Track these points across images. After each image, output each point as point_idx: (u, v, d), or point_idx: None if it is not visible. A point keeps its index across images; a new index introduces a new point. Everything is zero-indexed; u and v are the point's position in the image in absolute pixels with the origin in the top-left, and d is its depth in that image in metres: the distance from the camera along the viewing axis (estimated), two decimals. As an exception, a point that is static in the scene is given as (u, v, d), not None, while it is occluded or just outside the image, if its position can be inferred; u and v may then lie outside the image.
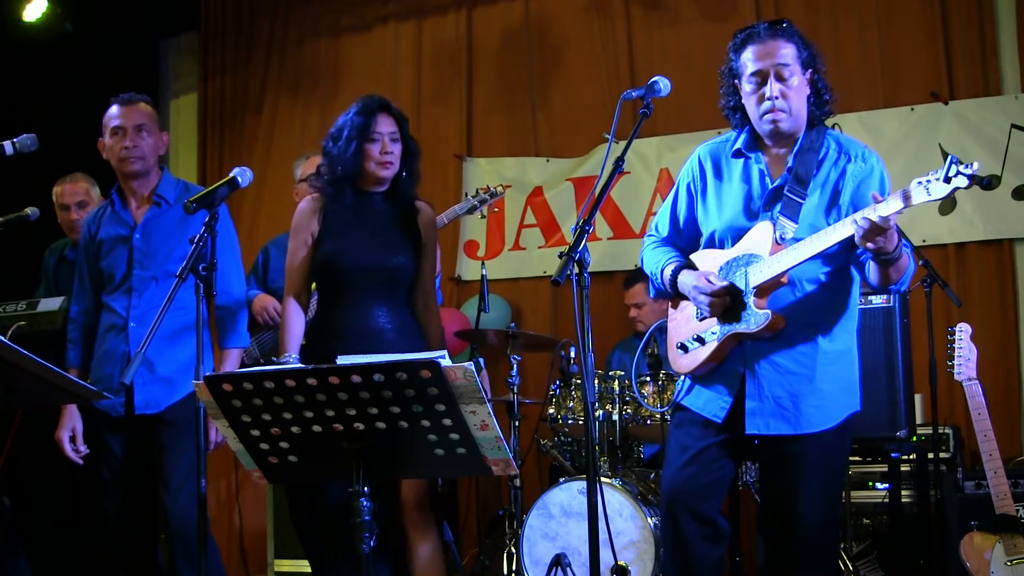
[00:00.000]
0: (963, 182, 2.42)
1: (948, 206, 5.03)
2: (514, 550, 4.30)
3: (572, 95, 5.91)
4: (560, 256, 2.58)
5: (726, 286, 2.79)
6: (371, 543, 2.37)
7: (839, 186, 2.80)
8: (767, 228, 2.79)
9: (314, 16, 6.53)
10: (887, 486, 4.42)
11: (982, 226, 5.00)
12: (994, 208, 4.97)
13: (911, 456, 4.25)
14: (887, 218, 2.50)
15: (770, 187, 2.86)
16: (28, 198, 4.32)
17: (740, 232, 2.87)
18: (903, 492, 4.27)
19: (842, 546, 4.30)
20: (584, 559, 3.44)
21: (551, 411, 4.56)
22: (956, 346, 3.74)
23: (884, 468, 4.45)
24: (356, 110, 3.42)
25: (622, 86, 5.41)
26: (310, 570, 3.72)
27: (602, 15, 5.84)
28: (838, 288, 2.84)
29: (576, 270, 2.60)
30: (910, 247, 2.78)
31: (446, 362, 2.22)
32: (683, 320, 2.99)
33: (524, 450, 4.71)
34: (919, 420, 4.33)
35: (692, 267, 2.96)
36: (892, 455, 4.00)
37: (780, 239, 2.76)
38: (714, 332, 2.85)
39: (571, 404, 4.51)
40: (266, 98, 6.57)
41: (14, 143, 3.48)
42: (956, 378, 3.74)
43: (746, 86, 2.86)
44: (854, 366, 2.90)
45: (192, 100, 6.86)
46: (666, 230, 3.10)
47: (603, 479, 4.00)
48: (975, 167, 2.41)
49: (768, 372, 2.81)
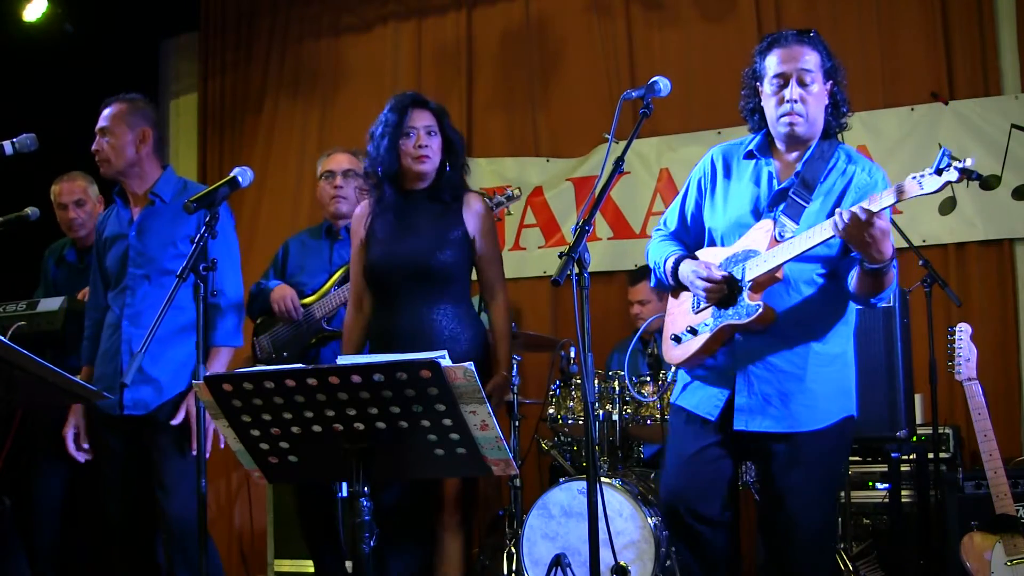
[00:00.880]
0: (953, 175, 2.44)
1: (948, 206, 5.03)
2: (514, 550, 4.30)
3: (572, 95, 5.91)
4: (560, 256, 2.60)
5: (726, 275, 2.82)
6: (371, 543, 2.37)
7: (843, 194, 2.82)
8: (767, 226, 2.82)
9: (314, 16, 6.52)
10: (887, 486, 4.42)
11: (982, 226, 4.99)
12: (994, 208, 4.97)
13: (911, 456, 4.25)
14: (868, 211, 2.52)
15: (776, 189, 2.88)
16: (28, 198, 4.33)
17: (743, 231, 2.89)
18: (903, 492, 4.27)
19: (842, 546, 4.30)
20: (584, 559, 3.43)
21: (551, 411, 4.56)
22: (956, 346, 3.74)
23: (884, 468, 4.45)
24: (389, 107, 3.41)
25: (622, 86, 5.41)
26: (310, 570, 3.73)
27: (602, 15, 5.84)
28: (834, 292, 2.85)
29: (576, 270, 2.61)
30: (897, 267, 2.80)
31: (446, 362, 2.22)
32: (679, 313, 3.02)
33: (524, 450, 4.71)
34: (919, 420, 4.33)
35: (694, 260, 2.99)
36: (892, 455, 4.00)
37: (779, 236, 2.78)
38: (707, 324, 2.89)
39: (571, 404, 4.51)
40: (266, 98, 6.57)
41: (14, 143, 3.49)
42: (956, 378, 3.74)
43: (767, 87, 2.89)
44: (849, 371, 2.91)
45: (192, 100, 6.86)
46: (674, 225, 3.13)
47: (603, 479, 4.00)
48: (968, 161, 2.43)
49: (759, 370, 2.84)
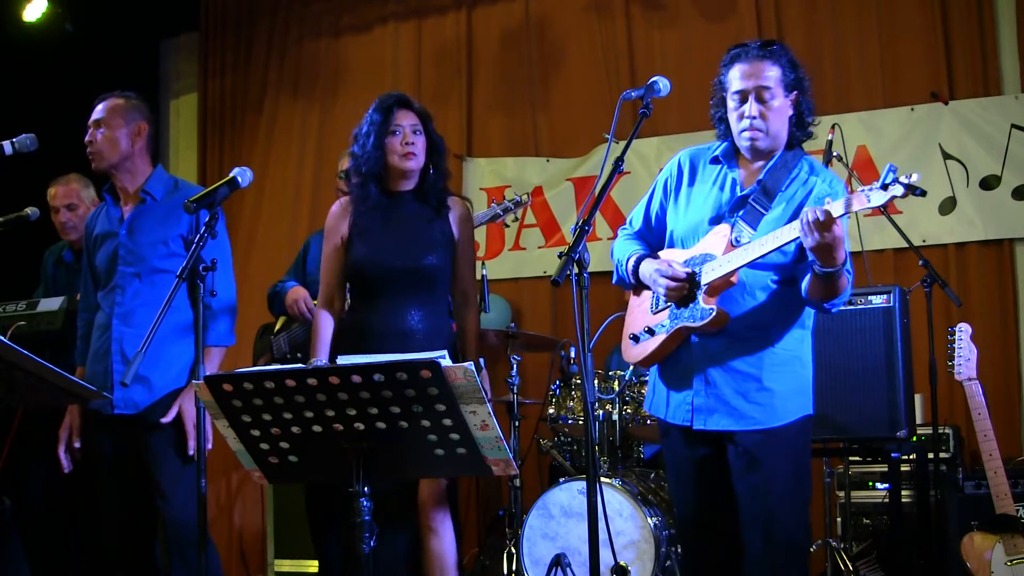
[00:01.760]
0: (899, 190, 2.51)
1: (948, 206, 5.03)
2: (514, 550, 4.30)
3: (572, 95, 5.91)
4: (560, 256, 2.61)
5: (689, 273, 2.86)
6: (371, 543, 2.37)
7: (803, 204, 2.86)
8: (724, 230, 2.88)
9: (314, 16, 6.52)
10: (887, 486, 4.42)
11: (982, 226, 4.99)
12: (994, 208, 4.97)
13: (911, 456, 4.25)
14: (829, 212, 2.58)
15: (738, 195, 2.94)
16: (28, 198, 4.33)
17: (702, 235, 2.95)
18: (903, 492, 4.27)
19: (842, 546, 4.31)
20: (584, 559, 3.44)
21: (551, 411, 4.56)
22: (956, 346, 3.74)
23: (884, 468, 4.45)
24: (374, 108, 3.41)
25: (622, 86, 5.41)
26: (310, 570, 3.73)
27: (602, 15, 5.84)
28: (789, 297, 2.90)
29: (576, 270, 2.63)
30: (852, 275, 2.87)
31: (446, 362, 2.22)
32: (639, 312, 3.08)
33: (524, 450, 4.71)
34: (919, 420, 4.33)
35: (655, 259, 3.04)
36: (892, 455, 4.00)
37: (735, 242, 2.84)
38: (663, 325, 2.94)
39: (571, 404, 4.51)
40: (266, 98, 6.57)
41: (14, 143, 3.49)
42: (956, 378, 3.74)
43: (730, 102, 2.95)
44: (807, 371, 2.97)
45: (192, 100, 6.86)
46: (639, 225, 3.18)
47: (603, 479, 4.00)
48: (914, 177, 2.49)
49: (716, 372, 2.90)
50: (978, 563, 3.54)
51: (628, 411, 4.37)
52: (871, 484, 4.61)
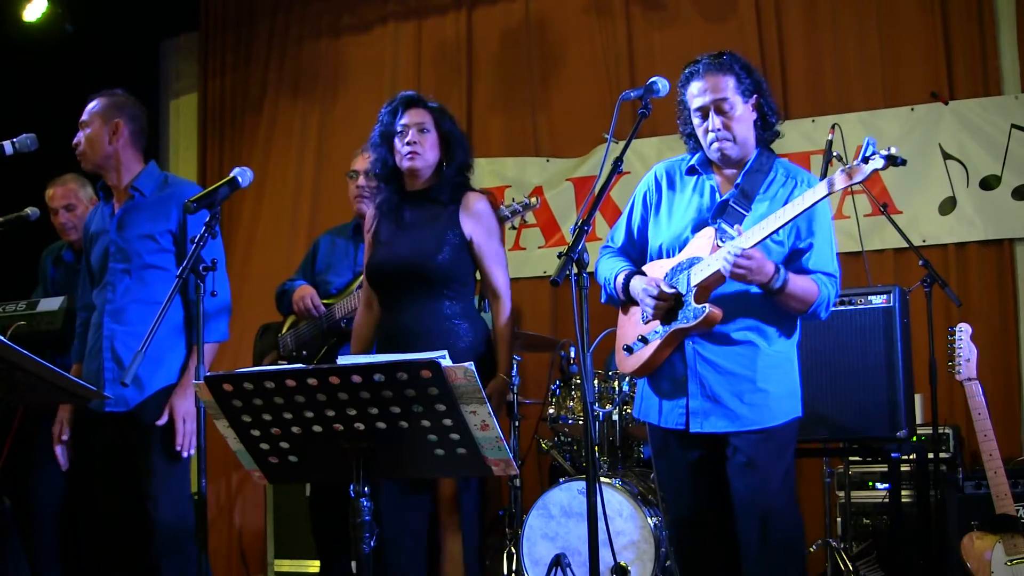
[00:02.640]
0: (879, 163, 2.61)
1: (948, 206, 5.03)
2: (514, 550, 4.30)
3: (572, 95, 5.90)
4: (559, 256, 2.63)
5: (673, 292, 2.91)
6: (372, 543, 2.37)
7: (787, 203, 2.88)
8: (709, 233, 2.92)
9: (314, 16, 6.52)
10: (887, 486, 4.42)
11: (982, 226, 4.99)
12: (994, 208, 4.97)
13: (911, 456, 4.25)
14: (744, 251, 2.71)
15: (718, 201, 2.98)
16: (28, 198, 4.32)
17: (687, 243, 2.99)
18: (903, 492, 4.27)
19: (842, 546, 4.31)
20: (584, 559, 3.43)
21: (551, 411, 4.56)
22: (956, 346, 3.74)
23: (884, 468, 4.45)
24: (385, 107, 3.44)
25: (622, 86, 5.41)
26: (310, 570, 3.73)
27: (602, 15, 5.84)
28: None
29: (575, 270, 2.65)
30: (834, 277, 2.94)
31: (446, 362, 2.22)
32: (630, 325, 3.10)
33: (524, 450, 4.71)
34: (919, 420, 4.33)
35: (643, 275, 3.08)
36: (892, 455, 4.00)
37: (721, 243, 2.87)
38: (657, 331, 2.97)
39: (571, 404, 4.51)
40: (266, 98, 6.56)
41: (14, 143, 3.49)
42: (956, 378, 3.74)
43: (694, 119, 3.02)
44: (796, 374, 3.01)
45: (192, 100, 6.85)
46: (621, 240, 3.20)
47: (603, 479, 4.00)
48: (893, 149, 2.60)
49: (709, 373, 2.93)
50: (978, 563, 3.54)
51: (628, 411, 4.37)
52: (871, 484, 4.61)
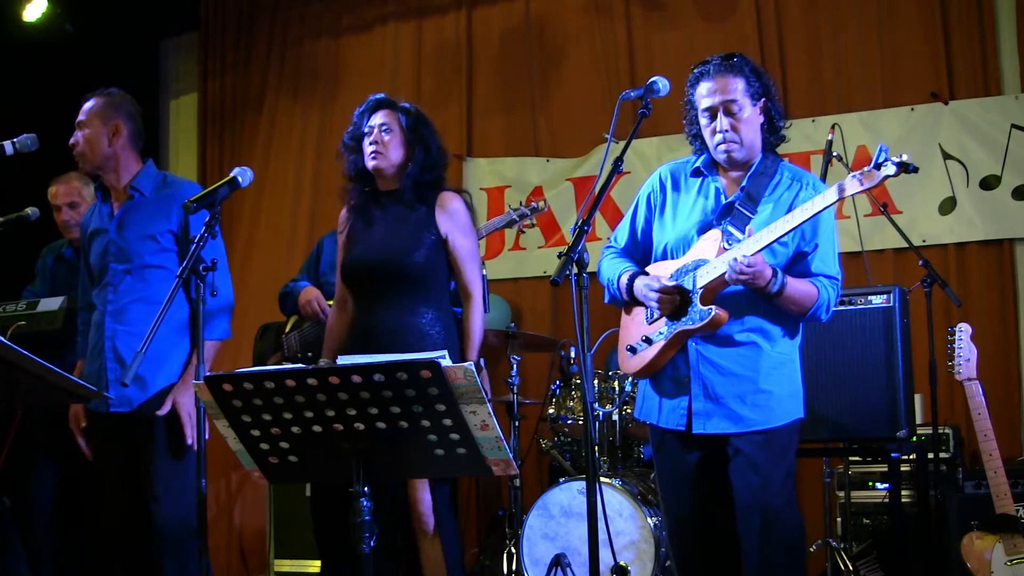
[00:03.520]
0: (891, 169, 2.60)
1: (948, 206, 5.03)
2: (514, 550, 4.30)
3: (572, 95, 5.90)
4: (559, 256, 2.63)
5: (675, 284, 2.91)
6: (371, 543, 2.38)
7: (792, 206, 2.90)
8: (715, 235, 2.92)
9: (314, 16, 6.52)
10: (887, 486, 4.42)
11: (982, 226, 4.99)
12: (994, 208, 4.97)
13: (911, 456, 4.25)
14: (743, 256, 2.74)
15: (724, 203, 2.99)
16: (28, 198, 4.32)
17: (692, 244, 2.99)
18: (903, 492, 4.27)
19: (842, 546, 4.31)
20: (584, 559, 3.43)
21: (551, 411, 4.56)
22: (956, 346, 3.74)
23: (884, 468, 4.45)
24: (356, 112, 3.48)
25: (622, 86, 5.40)
26: (310, 570, 3.73)
27: (602, 15, 5.84)
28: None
29: (575, 270, 2.65)
30: (835, 280, 2.95)
31: (446, 362, 2.22)
32: (633, 325, 3.10)
33: (524, 450, 4.71)
34: (919, 420, 4.33)
35: (647, 275, 3.08)
36: (892, 455, 4.00)
37: (727, 245, 2.88)
38: (661, 332, 2.97)
39: (571, 404, 4.51)
40: (266, 98, 6.57)
41: (14, 143, 3.49)
42: (956, 378, 3.74)
43: (701, 120, 3.01)
44: (797, 375, 3.01)
45: (192, 100, 6.85)
46: (624, 241, 3.21)
47: (603, 479, 4.00)
48: (904, 156, 2.58)
49: (712, 374, 2.93)
50: (978, 563, 3.54)
51: (628, 411, 4.37)
52: (871, 484, 4.61)
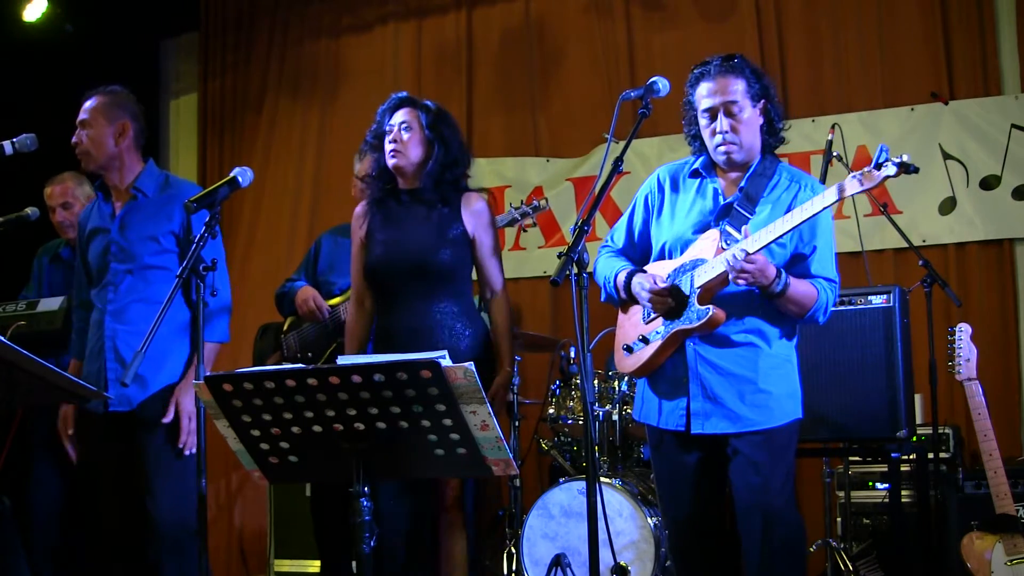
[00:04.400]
0: (892, 170, 2.60)
1: (948, 206, 5.03)
2: (514, 550, 4.30)
3: (572, 95, 5.90)
4: (559, 256, 2.63)
5: (670, 285, 2.91)
6: (371, 543, 2.37)
7: (791, 207, 2.90)
8: (713, 235, 2.92)
9: (314, 16, 6.52)
10: (887, 486, 4.42)
11: (982, 226, 4.99)
12: (994, 208, 4.97)
13: (911, 456, 4.25)
14: (746, 251, 2.73)
15: (722, 203, 2.99)
16: (27, 198, 4.32)
17: (689, 243, 2.99)
18: (903, 492, 4.27)
19: (842, 546, 4.31)
20: (584, 559, 3.43)
21: (551, 411, 4.56)
22: (956, 346, 3.74)
23: (884, 468, 4.45)
24: (380, 110, 3.49)
25: (622, 86, 5.40)
26: (310, 570, 3.73)
27: (602, 15, 5.84)
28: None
29: (575, 270, 2.66)
30: (834, 282, 2.95)
31: (446, 362, 2.22)
32: (630, 324, 3.10)
33: (524, 450, 4.71)
34: (919, 420, 4.33)
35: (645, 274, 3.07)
36: (892, 455, 4.00)
37: (725, 245, 2.87)
38: (658, 331, 2.97)
39: (571, 404, 4.51)
40: (266, 98, 6.56)
41: (14, 143, 3.49)
42: (956, 378, 3.74)
43: (701, 120, 3.01)
44: (795, 375, 3.01)
45: (192, 100, 6.85)
46: (621, 242, 3.20)
47: (603, 479, 4.00)
48: (905, 157, 2.59)
49: (710, 374, 2.93)
50: (978, 563, 3.54)
51: (628, 411, 4.37)
52: (871, 484, 4.61)
